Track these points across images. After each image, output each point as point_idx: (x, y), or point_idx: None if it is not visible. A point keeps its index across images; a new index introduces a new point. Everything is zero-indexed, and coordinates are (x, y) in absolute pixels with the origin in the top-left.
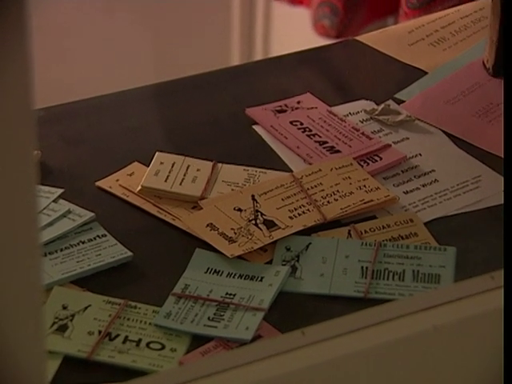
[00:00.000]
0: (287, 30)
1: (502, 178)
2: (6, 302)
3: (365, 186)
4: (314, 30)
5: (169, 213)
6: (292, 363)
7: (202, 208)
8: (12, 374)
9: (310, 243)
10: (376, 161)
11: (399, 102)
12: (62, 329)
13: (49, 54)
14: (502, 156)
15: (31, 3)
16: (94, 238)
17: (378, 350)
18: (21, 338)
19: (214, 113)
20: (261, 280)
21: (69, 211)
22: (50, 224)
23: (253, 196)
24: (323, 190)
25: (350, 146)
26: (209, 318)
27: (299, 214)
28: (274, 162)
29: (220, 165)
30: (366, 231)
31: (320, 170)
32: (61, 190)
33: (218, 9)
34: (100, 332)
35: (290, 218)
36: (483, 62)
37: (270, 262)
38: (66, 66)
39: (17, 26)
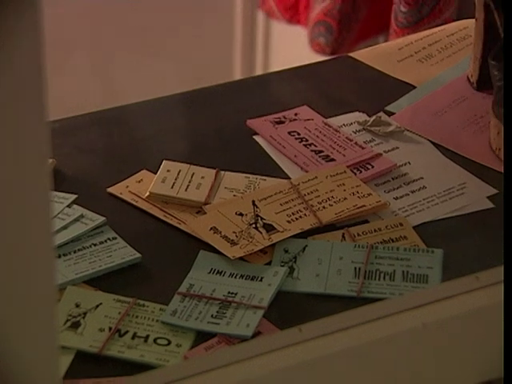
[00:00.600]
0: (285, 47)
1: (486, 185)
2: (22, 300)
3: (357, 192)
4: (311, 48)
5: (175, 217)
6: (290, 358)
7: (205, 213)
8: (27, 368)
9: (306, 245)
10: (368, 169)
11: (389, 113)
12: (75, 325)
13: (62, 70)
14: (486, 164)
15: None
16: (105, 241)
17: (371, 346)
18: (35, 333)
19: (218, 124)
20: (261, 280)
21: (82, 216)
22: (65, 227)
23: (253, 201)
24: (319, 196)
25: (344, 155)
26: (212, 316)
27: (296, 219)
28: (273, 170)
29: (223, 172)
30: (358, 234)
31: (316, 177)
32: (74, 196)
33: (221, 27)
34: (110, 329)
35: (288, 222)
36: (468, 77)
37: (269, 263)
38: (77, 81)
39: (30, 40)
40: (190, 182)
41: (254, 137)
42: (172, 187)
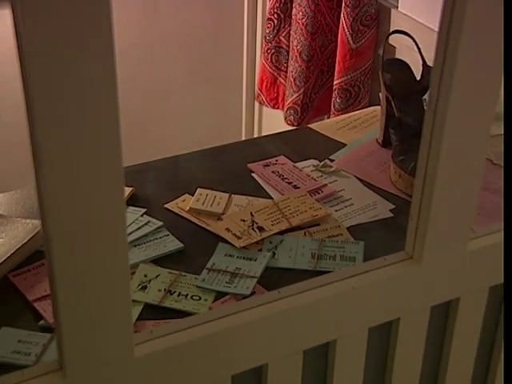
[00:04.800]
0: (271, 122)
1: (388, 203)
2: (112, 274)
3: (313, 207)
4: (285, 122)
5: (204, 222)
6: (273, 309)
7: (222, 219)
8: (112, 315)
9: (282, 239)
10: (319, 193)
11: (332, 160)
12: (144, 288)
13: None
14: (388, 190)
15: None
16: (162, 237)
17: (322, 301)
18: (118, 292)
19: (230, 166)
20: (255, 260)
21: (148, 221)
22: (138, 228)
23: (251, 213)
24: (290, 209)
25: (305, 185)
26: (226, 282)
27: (277, 223)
28: (263, 194)
29: (233, 195)
30: (314, 232)
31: (288, 198)
32: (144, 210)
33: (232, 113)
34: (165, 289)
35: (272, 225)
36: (376, 139)
37: (260, 250)
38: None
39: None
40: (213, 201)
41: (252, 174)
42: (203, 204)
